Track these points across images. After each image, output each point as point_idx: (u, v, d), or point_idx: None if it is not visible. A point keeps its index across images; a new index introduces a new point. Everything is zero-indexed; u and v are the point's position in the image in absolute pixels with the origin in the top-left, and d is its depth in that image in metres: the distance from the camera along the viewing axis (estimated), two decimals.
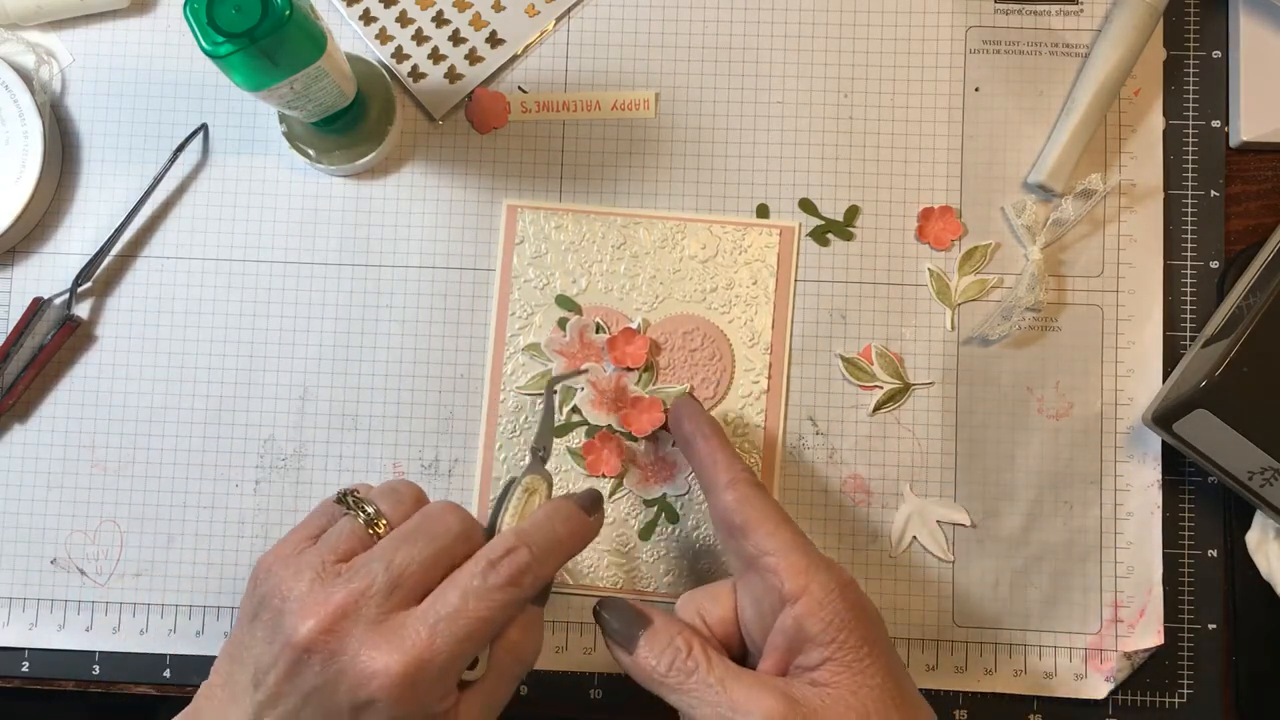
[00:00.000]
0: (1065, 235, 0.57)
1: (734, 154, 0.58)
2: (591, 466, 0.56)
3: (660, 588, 0.56)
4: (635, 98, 0.58)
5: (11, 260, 0.58)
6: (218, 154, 0.58)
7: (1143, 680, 0.56)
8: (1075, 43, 0.58)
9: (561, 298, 0.57)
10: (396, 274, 0.57)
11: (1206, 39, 0.58)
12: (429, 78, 0.58)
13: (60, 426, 0.57)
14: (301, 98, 0.49)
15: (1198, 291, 0.57)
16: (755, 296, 0.57)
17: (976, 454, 0.56)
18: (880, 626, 0.45)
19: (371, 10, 0.58)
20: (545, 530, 0.44)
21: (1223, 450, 0.51)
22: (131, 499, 0.57)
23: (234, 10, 0.43)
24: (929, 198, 0.57)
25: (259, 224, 0.58)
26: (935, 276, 0.57)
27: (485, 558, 0.42)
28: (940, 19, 0.58)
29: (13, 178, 0.55)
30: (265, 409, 0.57)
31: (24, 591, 0.57)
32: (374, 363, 0.57)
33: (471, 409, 0.57)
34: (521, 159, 0.58)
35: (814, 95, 0.58)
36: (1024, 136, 0.58)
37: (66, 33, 0.59)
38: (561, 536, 0.44)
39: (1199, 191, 0.57)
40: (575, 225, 0.57)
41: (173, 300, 0.58)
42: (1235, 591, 0.56)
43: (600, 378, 0.56)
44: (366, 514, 0.44)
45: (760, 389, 0.57)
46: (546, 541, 0.43)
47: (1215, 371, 0.49)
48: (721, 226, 0.57)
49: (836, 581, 0.44)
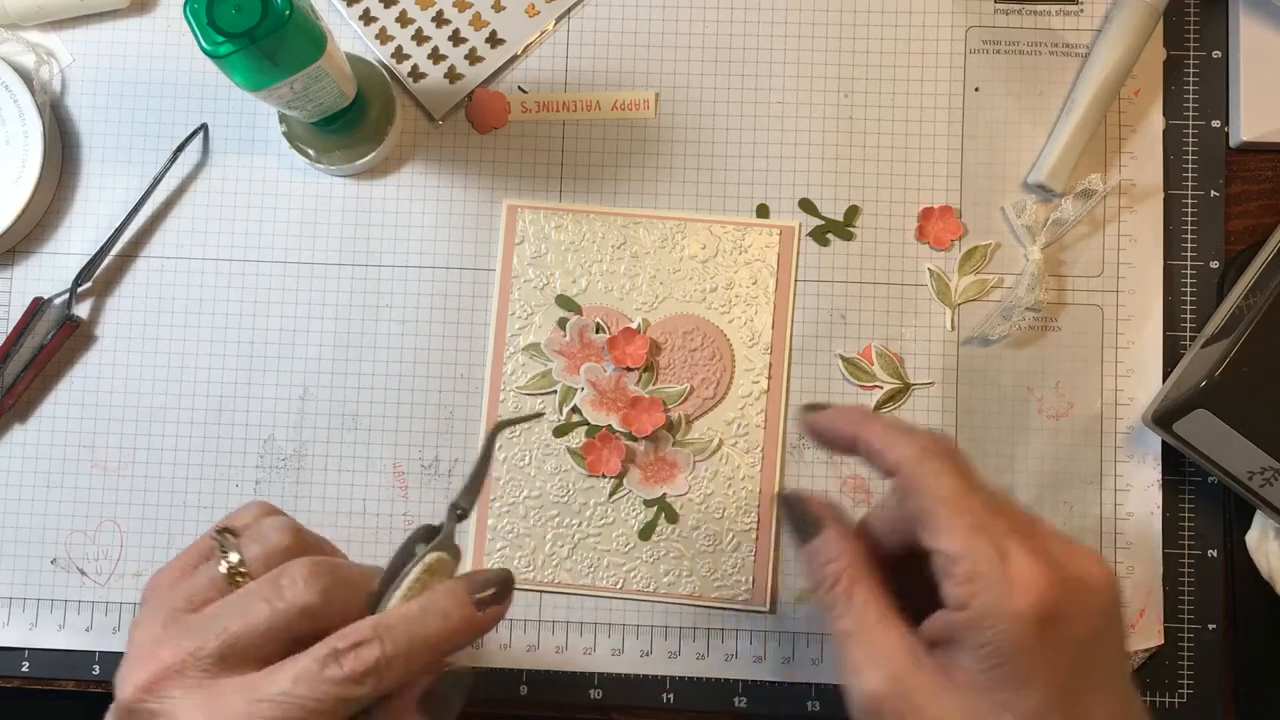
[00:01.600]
0: (1065, 235, 0.57)
1: (734, 154, 0.58)
2: (591, 466, 0.56)
3: (660, 588, 0.56)
4: (635, 98, 0.58)
5: (11, 260, 0.58)
6: (218, 154, 0.58)
7: (1143, 680, 0.56)
8: (1075, 43, 0.58)
9: (561, 298, 0.57)
10: (396, 274, 0.57)
11: (1206, 39, 0.58)
12: (429, 78, 0.58)
13: (60, 426, 0.57)
14: (301, 98, 0.49)
15: (1198, 291, 0.57)
16: (755, 296, 0.57)
17: (976, 454, 0.56)
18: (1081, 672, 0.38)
19: (371, 10, 0.58)
20: (412, 627, 0.38)
21: (1223, 450, 0.51)
22: (131, 499, 0.57)
23: (234, 10, 0.43)
24: (929, 198, 0.57)
25: (259, 224, 0.58)
26: (935, 276, 0.57)
27: (332, 644, 0.37)
28: (940, 19, 0.58)
29: (13, 178, 0.55)
30: (265, 409, 0.57)
31: (24, 591, 0.57)
32: (374, 363, 0.57)
33: (471, 409, 0.57)
34: (521, 159, 0.58)
35: (814, 95, 0.58)
36: (1024, 136, 0.58)
37: (66, 33, 0.59)
38: (431, 635, 0.38)
39: (1199, 191, 0.57)
40: (575, 225, 0.57)
41: (173, 300, 0.58)
42: (1235, 591, 0.56)
43: (600, 378, 0.56)
44: (229, 563, 0.40)
45: (760, 389, 0.57)
46: (409, 640, 0.37)
47: (1215, 371, 0.49)
48: (721, 226, 0.57)
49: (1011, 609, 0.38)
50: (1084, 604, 0.39)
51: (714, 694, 0.56)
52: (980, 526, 0.39)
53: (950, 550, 0.39)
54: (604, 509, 0.56)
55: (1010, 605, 0.38)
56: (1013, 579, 0.38)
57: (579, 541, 0.56)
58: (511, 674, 0.56)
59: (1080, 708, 0.39)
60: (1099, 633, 0.39)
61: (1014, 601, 0.38)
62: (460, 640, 0.39)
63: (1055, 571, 0.38)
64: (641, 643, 0.56)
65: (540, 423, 0.56)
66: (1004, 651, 0.38)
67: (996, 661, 0.38)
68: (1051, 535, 0.41)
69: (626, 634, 0.56)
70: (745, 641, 0.56)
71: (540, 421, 0.56)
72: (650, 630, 0.56)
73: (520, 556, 0.56)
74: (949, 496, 0.40)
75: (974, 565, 0.38)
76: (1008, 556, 0.38)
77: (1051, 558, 0.39)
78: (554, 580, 0.56)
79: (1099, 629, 0.39)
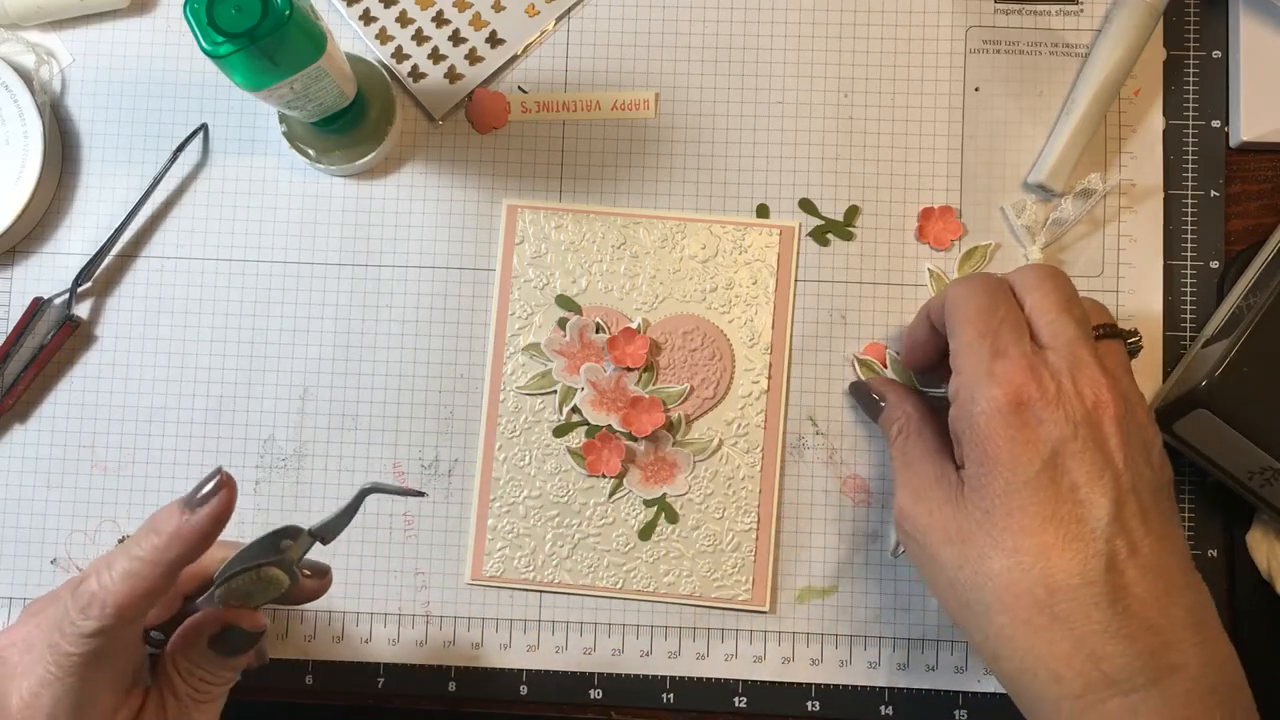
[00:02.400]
0: (1065, 235, 0.57)
1: (734, 154, 0.58)
2: (591, 466, 0.56)
3: (660, 588, 0.56)
4: (635, 98, 0.58)
5: (11, 260, 0.58)
6: (218, 154, 0.58)
7: None
8: (1075, 43, 0.58)
9: (561, 298, 0.57)
10: (396, 274, 0.57)
11: (1206, 39, 0.58)
12: (429, 78, 0.58)
13: (60, 426, 0.57)
14: (301, 98, 0.49)
15: (1198, 291, 0.57)
16: (755, 296, 0.57)
17: None
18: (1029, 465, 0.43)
19: (371, 10, 0.58)
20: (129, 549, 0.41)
21: (1223, 450, 0.51)
22: (131, 499, 0.57)
23: (234, 10, 0.43)
24: (929, 198, 0.57)
25: (259, 224, 0.58)
26: (935, 276, 0.57)
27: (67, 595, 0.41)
28: (940, 19, 0.58)
29: (13, 178, 0.55)
30: (265, 409, 0.57)
31: (24, 591, 0.57)
32: (374, 363, 0.57)
33: (471, 409, 0.57)
34: (521, 159, 0.58)
35: (814, 95, 0.58)
36: (1024, 136, 0.58)
37: (66, 33, 0.59)
38: (147, 553, 0.40)
39: (1199, 191, 0.57)
40: (575, 225, 0.57)
41: (173, 300, 0.58)
42: (1235, 591, 0.56)
43: (600, 378, 0.56)
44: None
45: (760, 389, 0.57)
46: (127, 562, 0.40)
47: (1215, 371, 0.49)
48: (721, 226, 0.57)
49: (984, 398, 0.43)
50: (1061, 408, 0.43)
51: (714, 694, 0.56)
52: (985, 332, 0.45)
53: (954, 347, 0.46)
54: (604, 509, 0.56)
55: (985, 391, 0.43)
56: (995, 372, 0.44)
57: (579, 541, 0.56)
58: (511, 674, 0.56)
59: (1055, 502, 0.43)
60: (1071, 440, 0.43)
61: (988, 389, 0.43)
62: (177, 547, 0.40)
63: (1040, 374, 0.43)
64: (641, 643, 0.56)
65: (540, 423, 0.56)
66: (979, 435, 0.43)
67: (976, 455, 0.43)
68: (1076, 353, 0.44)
69: (626, 634, 0.56)
70: (745, 641, 0.56)
71: (540, 422, 0.56)
72: (650, 630, 0.56)
73: (520, 556, 0.56)
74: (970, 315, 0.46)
75: (966, 359, 0.45)
76: (1001, 355, 0.44)
77: (1049, 366, 0.44)
78: (554, 580, 0.56)
79: (1070, 437, 0.43)
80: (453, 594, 0.56)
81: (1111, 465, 0.43)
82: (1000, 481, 0.43)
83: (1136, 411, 0.44)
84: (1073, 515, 0.42)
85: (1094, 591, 0.42)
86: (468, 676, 0.56)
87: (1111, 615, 0.41)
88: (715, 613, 0.56)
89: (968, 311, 0.46)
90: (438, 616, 0.56)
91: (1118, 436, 0.43)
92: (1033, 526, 0.42)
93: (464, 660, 0.56)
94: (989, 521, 0.43)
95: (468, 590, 0.56)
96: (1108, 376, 0.44)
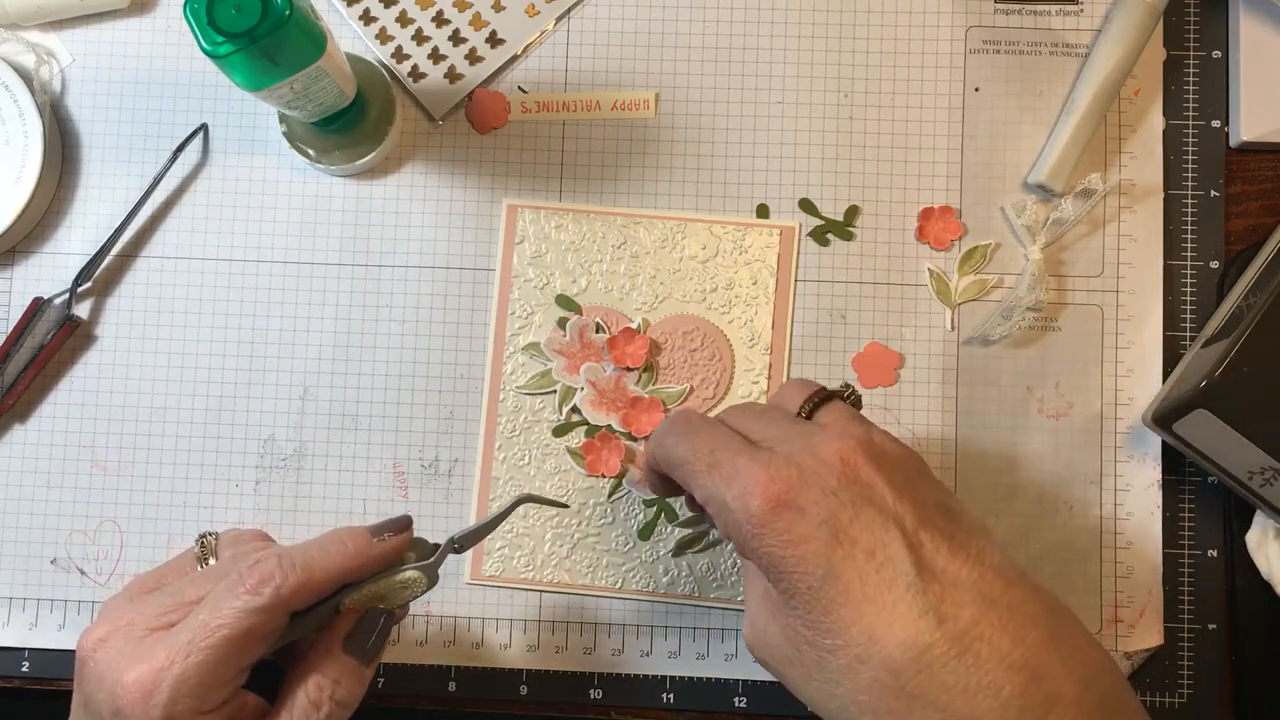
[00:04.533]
0: (1065, 235, 0.57)
1: (734, 154, 0.58)
2: (591, 466, 0.56)
3: (660, 588, 0.56)
4: (635, 98, 0.58)
5: (11, 260, 0.58)
6: (218, 154, 0.58)
7: (1143, 680, 0.56)
8: (1075, 43, 0.58)
9: (561, 298, 0.57)
10: (396, 274, 0.57)
11: (1206, 39, 0.58)
12: (429, 78, 0.58)
13: (60, 426, 0.57)
14: (301, 98, 0.49)
15: (1198, 291, 0.57)
16: (755, 296, 0.57)
17: (976, 454, 0.56)
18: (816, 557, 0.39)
19: (371, 10, 0.58)
20: (310, 550, 0.43)
21: (1223, 450, 0.51)
22: (131, 499, 0.57)
23: (234, 10, 0.43)
24: (929, 198, 0.57)
25: (259, 224, 0.58)
26: (935, 276, 0.57)
27: (238, 568, 0.42)
28: (940, 19, 0.58)
29: (13, 178, 0.55)
30: (265, 409, 0.57)
31: (24, 591, 0.57)
32: (374, 363, 0.57)
33: (471, 409, 0.57)
34: (521, 159, 0.58)
35: (814, 95, 0.58)
36: (1024, 136, 0.58)
37: (66, 33, 0.59)
38: (331, 553, 0.43)
39: (1199, 191, 0.57)
40: (575, 225, 0.57)
41: (173, 300, 0.58)
42: (1235, 591, 0.56)
43: (600, 378, 0.56)
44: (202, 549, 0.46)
45: (760, 389, 0.57)
46: (305, 556, 0.42)
47: (1215, 371, 0.49)
48: (721, 226, 0.57)
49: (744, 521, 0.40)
50: (814, 486, 0.40)
51: (714, 694, 0.56)
52: (711, 465, 0.42)
53: (700, 499, 0.43)
54: (604, 509, 0.56)
55: (740, 515, 0.40)
56: (740, 491, 0.40)
57: (579, 541, 0.56)
58: (511, 674, 0.56)
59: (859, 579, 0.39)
60: (839, 510, 0.39)
61: (741, 511, 0.40)
62: (356, 564, 0.43)
63: (778, 468, 0.40)
64: (641, 643, 0.56)
65: (540, 422, 0.56)
66: (761, 556, 0.40)
67: (771, 574, 0.40)
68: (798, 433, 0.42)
69: (626, 634, 0.56)
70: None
71: (540, 421, 0.56)
72: (650, 630, 0.56)
73: (520, 556, 0.56)
74: (681, 459, 0.43)
75: (712, 498, 0.42)
76: (735, 476, 0.41)
77: (780, 457, 0.41)
78: (554, 580, 0.56)
79: (837, 507, 0.39)
80: (453, 594, 0.56)
81: (889, 511, 0.39)
82: (802, 587, 0.39)
83: (882, 445, 0.42)
84: (880, 582, 0.38)
85: (936, 653, 0.37)
86: (468, 676, 0.56)
87: (965, 671, 0.37)
88: (715, 613, 0.56)
89: (677, 459, 0.43)
90: (438, 616, 0.56)
91: (880, 479, 0.40)
92: (850, 615, 0.38)
93: (464, 660, 0.56)
94: (812, 629, 0.39)
95: (468, 590, 0.56)
96: (839, 435, 0.41)
